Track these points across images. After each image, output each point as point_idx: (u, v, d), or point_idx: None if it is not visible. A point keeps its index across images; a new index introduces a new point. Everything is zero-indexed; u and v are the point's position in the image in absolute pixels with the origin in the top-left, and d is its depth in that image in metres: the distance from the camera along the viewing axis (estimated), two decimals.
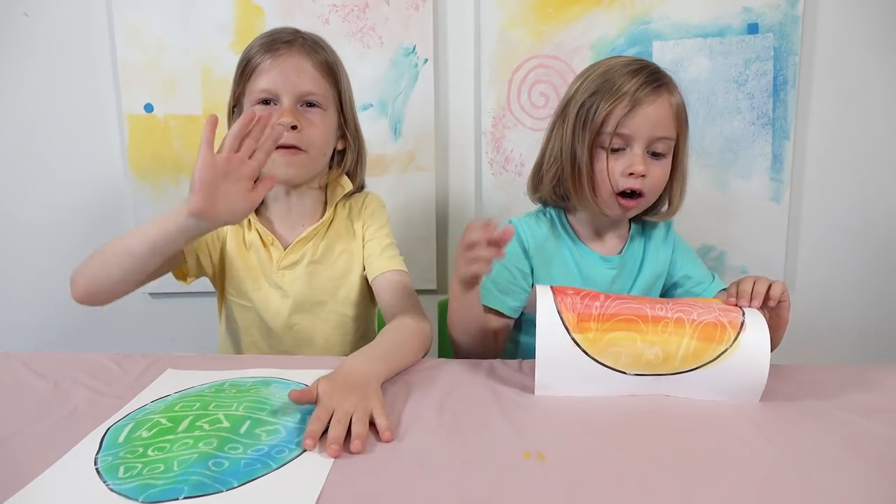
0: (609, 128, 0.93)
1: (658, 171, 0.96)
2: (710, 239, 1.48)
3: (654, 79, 0.94)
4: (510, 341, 1.13)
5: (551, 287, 0.79)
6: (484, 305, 0.97)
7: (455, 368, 0.85)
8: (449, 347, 1.27)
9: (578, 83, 0.99)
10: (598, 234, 1.05)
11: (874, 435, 0.66)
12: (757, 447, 0.63)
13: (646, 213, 1.05)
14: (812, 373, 0.83)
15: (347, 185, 1.09)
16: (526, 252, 1.03)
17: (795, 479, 0.57)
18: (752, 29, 1.40)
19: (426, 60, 1.44)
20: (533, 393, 0.76)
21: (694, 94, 1.42)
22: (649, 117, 0.92)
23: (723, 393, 0.73)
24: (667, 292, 1.09)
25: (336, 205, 1.08)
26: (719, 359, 0.72)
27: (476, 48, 1.44)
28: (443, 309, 1.31)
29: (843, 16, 1.39)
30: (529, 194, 1.09)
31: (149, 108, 1.46)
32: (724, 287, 1.05)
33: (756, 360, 0.72)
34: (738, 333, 0.73)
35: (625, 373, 0.74)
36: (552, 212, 1.07)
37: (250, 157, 0.83)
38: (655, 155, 0.95)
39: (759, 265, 1.48)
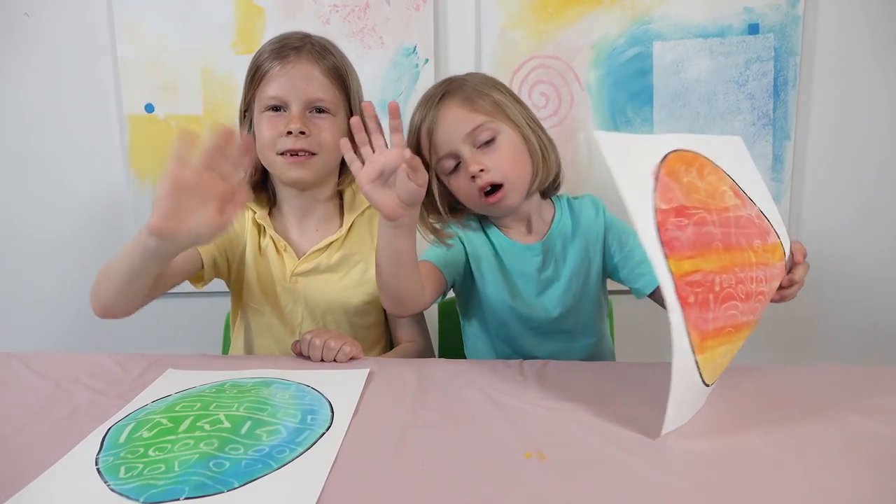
0: (441, 151, 0.96)
1: (495, 157, 0.95)
2: None
3: (443, 88, 0.98)
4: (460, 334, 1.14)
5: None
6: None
7: (455, 369, 0.85)
8: (449, 348, 1.28)
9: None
10: (522, 222, 1.04)
11: (874, 435, 0.65)
12: (757, 447, 0.63)
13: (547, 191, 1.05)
14: (812, 373, 0.83)
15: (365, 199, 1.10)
16: (465, 247, 1.03)
17: (796, 479, 0.57)
18: (753, 29, 1.39)
19: (427, 61, 1.44)
20: (532, 391, 0.76)
21: (694, 95, 1.42)
22: (448, 123, 0.95)
23: None
24: (610, 275, 1.06)
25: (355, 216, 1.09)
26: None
27: (476, 48, 1.44)
28: (443, 309, 1.31)
29: (844, 16, 1.39)
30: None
31: (149, 108, 1.47)
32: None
33: None
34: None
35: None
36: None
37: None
38: (485, 145, 0.96)
39: None
